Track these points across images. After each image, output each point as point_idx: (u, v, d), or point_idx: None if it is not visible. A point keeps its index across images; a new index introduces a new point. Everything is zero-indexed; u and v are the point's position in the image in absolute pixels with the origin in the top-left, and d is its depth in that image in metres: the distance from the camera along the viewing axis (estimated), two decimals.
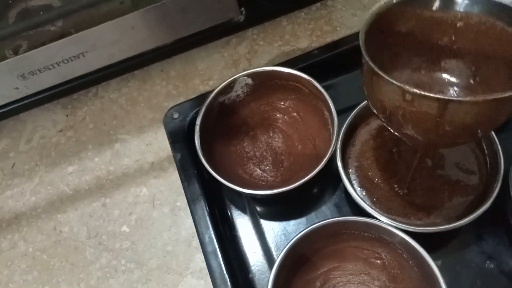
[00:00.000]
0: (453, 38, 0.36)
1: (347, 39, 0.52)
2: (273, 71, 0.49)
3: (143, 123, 0.56)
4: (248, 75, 0.49)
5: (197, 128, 0.46)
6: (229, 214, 0.48)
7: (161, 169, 0.52)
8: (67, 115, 0.58)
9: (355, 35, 0.52)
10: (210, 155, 0.47)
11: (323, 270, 0.43)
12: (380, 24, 0.34)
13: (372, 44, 0.32)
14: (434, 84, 0.38)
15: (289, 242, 0.40)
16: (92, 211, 0.51)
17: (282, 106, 0.52)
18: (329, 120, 0.46)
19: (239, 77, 0.49)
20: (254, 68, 0.49)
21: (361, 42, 0.32)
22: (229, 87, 0.49)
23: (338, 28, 0.57)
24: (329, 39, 0.57)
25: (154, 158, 0.53)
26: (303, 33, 0.58)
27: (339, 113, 0.45)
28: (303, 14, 0.59)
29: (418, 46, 0.37)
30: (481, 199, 0.40)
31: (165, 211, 0.50)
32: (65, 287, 0.47)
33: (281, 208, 0.48)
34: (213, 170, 0.45)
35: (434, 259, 0.41)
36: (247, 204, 0.48)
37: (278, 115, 0.52)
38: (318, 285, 0.42)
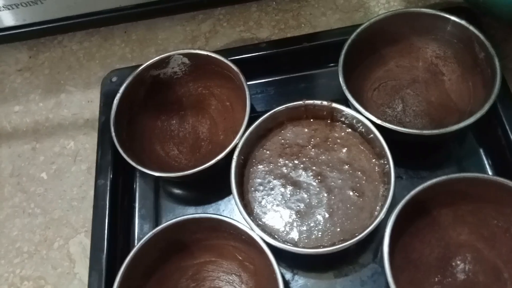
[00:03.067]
0: None
1: (295, 40, 0.50)
2: (208, 55, 0.48)
3: (92, 79, 0.57)
4: (184, 55, 0.48)
5: (117, 96, 0.47)
6: (135, 186, 0.49)
7: (93, 127, 0.53)
8: (30, 57, 0.60)
9: (304, 37, 0.51)
10: (130, 126, 0.48)
11: (199, 261, 0.43)
12: None
13: None
14: None
15: (161, 225, 0.40)
16: (21, 152, 0.54)
17: (218, 92, 0.51)
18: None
19: (174, 55, 0.48)
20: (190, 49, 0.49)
21: None
22: (164, 62, 0.49)
23: (303, 25, 0.55)
24: (290, 34, 0.55)
25: (90, 116, 0.54)
26: (268, 23, 0.56)
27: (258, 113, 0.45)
28: (274, 3, 0.57)
29: None
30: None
31: (83, 168, 0.51)
32: None
33: (186, 192, 0.48)
34: (128, 140, 0.47)
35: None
36: (154, 181, 0.49)
37: (212, 101, 0.51)
38: (190, 273, 0.43)
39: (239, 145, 0.42)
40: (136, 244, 0.40)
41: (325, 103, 0.43)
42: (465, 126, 0.40)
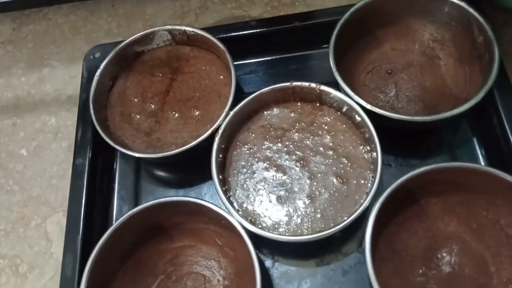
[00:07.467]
0: None
1: (287, 19, 0.48)
2: (193, 32, 0.46)
3: (76, 54, 0.55)
4: (169, 31, 0.46)
5: (97, 72, 0.45)
6: (115, 166, 0.47)
7: (75, 104, 0.51)
8: (13, 29, 0.58)
9: (296, 16, 0.49)
10: (111, 103, 0.46)
11: (178, 245, 0.42)
12: None
13: None
14: None
15: (138, 207, 0.39)
16: (1, 127, 0.52)
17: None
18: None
19: (158, 31, 0.46)
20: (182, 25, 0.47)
21: None
22: (148, 38, 0.47)
23: (297, 3, 0.53)
24: (283, 12, 0.53)
25: (73, 92, 0.53)
26: (260, 1, 0.54)
27: (246, 94, 0.43)
28: None
29: None
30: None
31: (63, 145, 0.50)
32: None
33: (168, 174, 0.47)
34: (109, 119, 0.45)
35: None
36: (135, 162, 0.47)
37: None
38: (168, 257, 0.42)
39: (222, 127, 0.40)
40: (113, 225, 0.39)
41: (313, 85, 0.41)
42: (459, 113, 0.38)
